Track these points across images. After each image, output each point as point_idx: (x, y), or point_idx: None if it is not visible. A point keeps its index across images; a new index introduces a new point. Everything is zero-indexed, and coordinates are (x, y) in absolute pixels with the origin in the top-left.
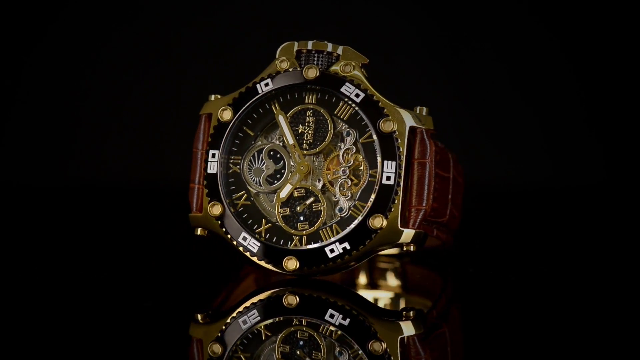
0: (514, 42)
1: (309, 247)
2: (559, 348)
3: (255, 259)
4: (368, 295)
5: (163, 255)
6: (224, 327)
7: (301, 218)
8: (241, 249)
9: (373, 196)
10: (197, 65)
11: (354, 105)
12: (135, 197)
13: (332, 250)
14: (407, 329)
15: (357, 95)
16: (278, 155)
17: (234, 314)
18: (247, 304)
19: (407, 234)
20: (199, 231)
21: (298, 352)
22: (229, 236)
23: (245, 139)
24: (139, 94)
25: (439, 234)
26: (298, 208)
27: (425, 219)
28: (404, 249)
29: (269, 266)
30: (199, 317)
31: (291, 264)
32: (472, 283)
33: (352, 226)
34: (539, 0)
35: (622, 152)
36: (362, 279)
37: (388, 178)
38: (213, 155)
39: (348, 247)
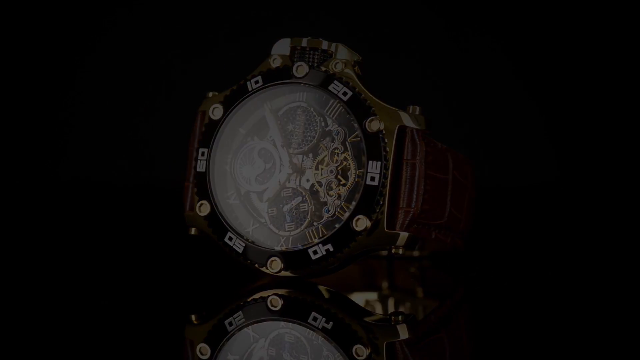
0: (516, 40)
1: (293, 248)
2: (558, 350)
3: (240, 259)
4: (362, 297)
5: (161, 256)
6: (211, 329)
7: (288, 218)
8: (227, 249)
9: (357, 197)
10: (198, 61)
11: (341, 103)
12: (134, 197)
13: (315, 252)
14: (395, 333)
15: (344, 94)
16: (269, 155)
17: (221, 315)
18: (234, 305)
19: (394, 236)
20: (193, 231)
21: (282, 356)
22: (215, 236)
23: (236, 137)
24: (137, 91)
25: (440, 237)
26: (285, 208)
27: (417, 221)
28: (392, 251)
29: (255, 267)
30: (193, 317)
31: (275, 265)
32: (472, 286)
33: (336, 228)
34: None
35: (625, 151)
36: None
37: (372, 179)
38: (202, 154)
39: (331, 249)
